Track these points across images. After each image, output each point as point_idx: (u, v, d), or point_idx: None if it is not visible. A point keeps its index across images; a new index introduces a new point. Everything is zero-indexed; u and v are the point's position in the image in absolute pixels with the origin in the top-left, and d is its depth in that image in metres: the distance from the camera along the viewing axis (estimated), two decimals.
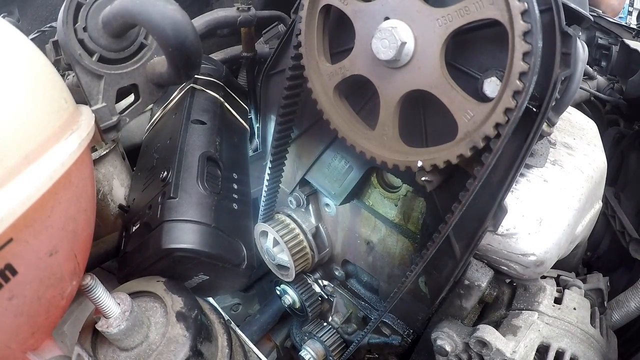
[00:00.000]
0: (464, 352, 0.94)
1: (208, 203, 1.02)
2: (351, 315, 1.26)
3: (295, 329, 1.42)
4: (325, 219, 1.19)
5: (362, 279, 1.22)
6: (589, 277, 1.20)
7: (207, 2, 1.88)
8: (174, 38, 0.79)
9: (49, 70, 0.68)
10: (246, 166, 1.32)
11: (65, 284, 0.67)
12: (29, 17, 1.61)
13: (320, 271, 1.29)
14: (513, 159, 0.73)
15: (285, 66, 0.94)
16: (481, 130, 0.66)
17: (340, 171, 1.03)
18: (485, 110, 0.66)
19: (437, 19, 0.66)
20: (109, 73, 0.90)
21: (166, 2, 0.78)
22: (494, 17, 0.61)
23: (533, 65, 0.60)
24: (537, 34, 0.59)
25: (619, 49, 1.84)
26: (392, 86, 0.75)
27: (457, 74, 0.72)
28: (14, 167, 0.53)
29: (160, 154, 1.18)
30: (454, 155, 0.70)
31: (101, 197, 1.20)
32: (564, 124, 1.04)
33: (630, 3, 5.62)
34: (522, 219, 0.86)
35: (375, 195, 1.04)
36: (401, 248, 1.02)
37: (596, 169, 0.95)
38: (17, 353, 0.64)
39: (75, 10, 0.85)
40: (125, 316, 0.74)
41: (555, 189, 0.88)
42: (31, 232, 0.55)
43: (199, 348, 0.80)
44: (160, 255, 0.91)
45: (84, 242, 0.72)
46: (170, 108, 1.33)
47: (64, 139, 0.63)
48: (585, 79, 1.80)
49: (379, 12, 0.73)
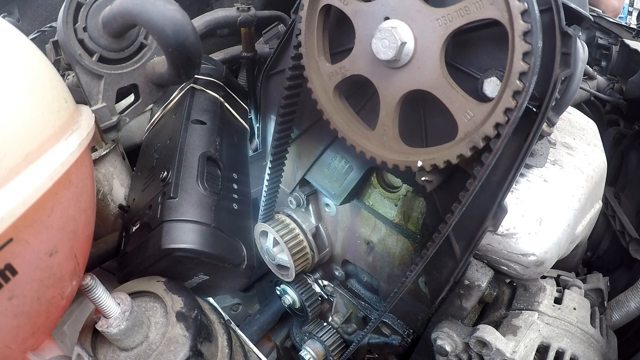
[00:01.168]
0: (464, 352, 0.94)
1: (208, 203, 1.02)
2: (351, 315, 1.26)
3: (295, 329, 1.42)
4: (325, 219, 1.19)
5: (362, 279, 1.22)
6: (589, 277, 1.20)
7: (207, 2, 1.88)
8: (174, 38, 0.79)
9: (49, 70, 0.68)
10: (246, 166, 1.32)
11: (65, 284, 0.67)
12: (29, 17, 1.61)
13: (320, 271, 1.29)
14: (513, 159, 0.73)
15: (285, 66, 0.94)
16: (481, 130, 0.66)
17: (340, 171, 1.03)
18: (485, 110, 0.66)
19: (437, 18, 0.66)
20: (109, 73, 0.90)
21: (166, 2, 0.78)
22: (494, 17, 0.61)
23: (533, 65, 0.60)
24: (537, 33, 0.59)
25: (619, 49, 1.84)
26: (392, 86, 0.75)
27: (457, 74, 0.72)
28: (14, 167, 0.53)
29: (160, 154, 1.18)
30: (454, 155, 0.70)
31: (101, 197, 1.20)
32: (564, 124, 1.04)
33: (630, 3, 5.62)
34: (522, 219, 0.86)
35: (375, 195, 1.04)
36: (401, 248, 1.02)
37: (596, 169, 0.95)
38: (17, 353, 0.64)
39: (75, 10, 0.85)
40: (125, 316, 0.74)
41: (555, 189, 0.88)
42: (31, 232, 0.55)
43: (199, 348, 0.80)
44: (160, 255, 0.91)
45: (84, 242, 0.72)
46: (170, 108, 1.33)
47: (64, 139, 0.63)
48: (585, 79, 1.80)
49: (379, 12, 0.73)
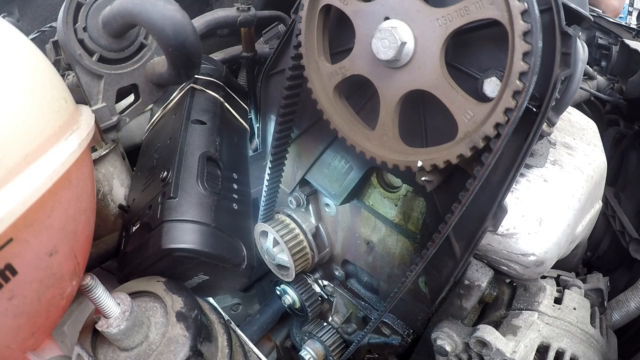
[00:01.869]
0: (464, 352, 0.94)
1: (208, 203, 1.02)
2: (351, 315, 1.26)
3: (295, 329, 1.42)
4: (325, 219, 1.19)
5: (362, 279, 1.22)
6: (589, 277, 1.20)
7: (207, 2, 1.88)
8: (174, 38, 0.79)
9: (49, 70, 0.68)
10: (246, 166, 1.32)
11: (65, 284, 0.67)
12: (29, 17, 1.61)
13: (320, 271, 1.29)
14: (513, 159, 0.73)
15: (285, 66, 0.94)
16: (481, 130, 0.66)
17: (340, 171, 1.03)
18: (485, 111, 0.66)
19: (437, 18, 0.66)
20: (109, 73, 0.90)
21: (166, 2, 0.78)
22: (494, 17, 0.61)
23: (533, 65, 0.60)
24: (537, 34, 0.59)
25: (619, 49, 1.84)
26: (392, 86, 0.75)
27: (457, 74, 0.72)
28: (14, 167, 0.53)
29: (160, 154, 1.18)
30: (454, 155, 0.70)
31: (101, 197, 1.20)
32: (564, 124, 1.04)
33: (630, 3, 5.62)
34: (522, 219, 0.86)
35: (375, 195, 1.04)
36: (401, 248, 1.02)
37: (596, 169, 0.95)
38: (17, 353, 0.64)
39: (75, 10, 0.85)
40: (125, 316, 0.74)
41: (555, 189, 0.88)
42: (31, 232, 0.55)
43: (199, 348, 0.80)
44: (160, 255, 0.91)
45: (84, 242, 0.72)
46: (170, 108, 1.33)
47: (63, 139, 0.63)
48: (585, 79, 1.80)
49: (379, 12, 0.73)
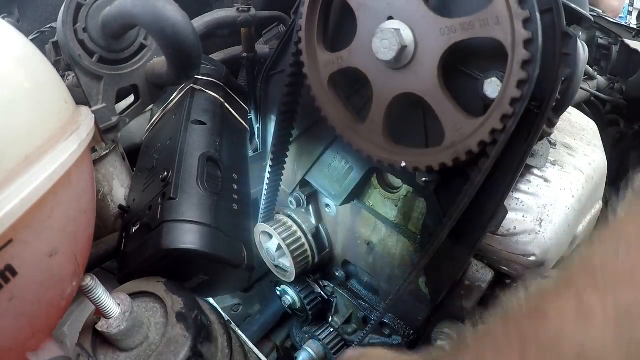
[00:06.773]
0: None
1: (208, 203, 1.02)
2: (351, 315, 1.26)
3: (296, 329, 1.42)
4: (325, 220, 1.19)
5: (363, 279, 1.22)
6: None
7: (207, 2, 1.88)
8: (173, 39, 0.79)
9: (49, 71, 0.68)
10: (246, 166, 1.32)
11: (66, 284, 0.67)
12: (29, 18, 1.61)
13: (320, 272, 1.29)
14: (513, 160, 0.73)
15: (285, 66, 0.94)
16: (466, 143, 0.67)
17: (340, 172, 1.03)
18: (473, 126, 0.67)
19: (440, 28, 0.66)
20: (109, 74, 0.90)
21: (166, 2, 0.78)
22: (497, 38, 0.61)
23: (526, 93, 0.61)
24: (536, 64, 0.59)
25: (619, 49, 1.84)
26: (386, 85, 0.75)
27: (457, 74, 0.72)
28: (14, 168, 0.53)
29: (160, 155, 1.18)
30: (437, 162, 0.71)
31: (101, 197, 1.20)
32: (564, 124, 1.04)
33: (630, 3, 5.61)
34: (523, 219, 0.85)
35: (375, 195, 1.04)
36: (401, 249, 1.02)
37: (596, 169, 0.95)
38: (17, 354, 0.64)
39: (75, 11, 0.85)
40: (126, 317, 0.74)
41: (555, 189, 0.88)
42: (31, 233, 0.55)
43: (199, 348, 0.80)
44: (161, 256, 0.91)
45: (84, 243, 0.72)
46: (170, 108, 1.33)
47: (64, 140, 0.63)
48: (585, 79, 1.80)
49: (384, 10, 0.73)
